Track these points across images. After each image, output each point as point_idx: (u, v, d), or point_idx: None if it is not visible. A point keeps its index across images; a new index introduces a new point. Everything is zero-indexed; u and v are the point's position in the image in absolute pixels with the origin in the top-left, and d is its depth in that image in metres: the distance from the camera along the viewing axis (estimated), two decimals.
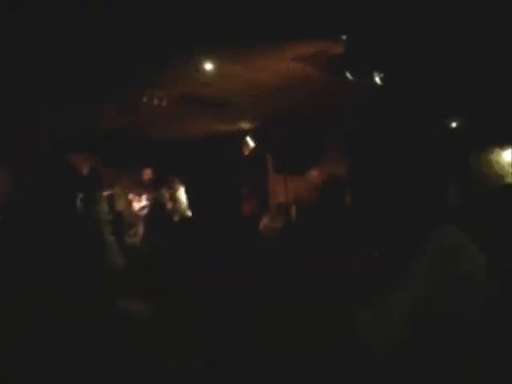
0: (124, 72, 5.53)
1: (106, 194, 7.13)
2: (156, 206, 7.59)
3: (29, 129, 7.62)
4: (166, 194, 8.14)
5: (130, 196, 8.09)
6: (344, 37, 4.55)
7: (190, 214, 8.25)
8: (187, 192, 8.52)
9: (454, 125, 7.05)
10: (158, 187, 8.22)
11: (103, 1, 3.62)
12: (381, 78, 4.98)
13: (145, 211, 7.75)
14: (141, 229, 7.34)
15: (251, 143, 8.88)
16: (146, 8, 3.87)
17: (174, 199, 8.23)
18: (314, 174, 7.58)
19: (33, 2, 3.50)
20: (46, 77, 5.33)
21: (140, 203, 7.97)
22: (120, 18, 4.08)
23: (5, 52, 4.46)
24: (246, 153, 8.93)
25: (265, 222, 7.28)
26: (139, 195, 8.14)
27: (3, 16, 3.65)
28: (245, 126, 8.85)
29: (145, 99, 6.39)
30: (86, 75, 5.44)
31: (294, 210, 7.00)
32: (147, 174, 8.40)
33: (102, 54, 4.90)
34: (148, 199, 7.95)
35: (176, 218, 7.85)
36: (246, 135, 8.93)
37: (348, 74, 4.88)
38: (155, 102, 6.48)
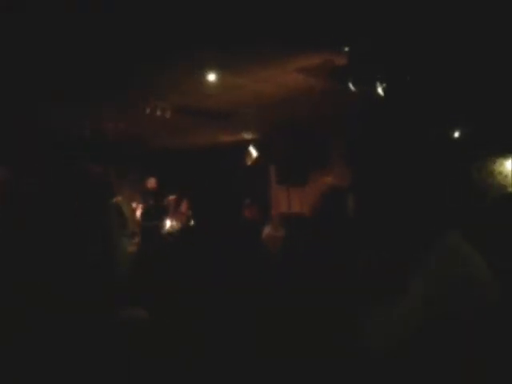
0: (126, 81, 5.59)
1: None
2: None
3: (30, 133, 7.68)
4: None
5: (134, 205, 8.10)
6: (346, 48, 4.60)
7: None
8: (190, 202, 8.54)
9: (456, 135, 7.08)
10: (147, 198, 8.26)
11: (104, 6, 3.67)
12: (383, 89, 5.00)
13: None
14: None
15: (254, 153, 8.91)
16: (148, 18, 3.93)
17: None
18: (329, 180, 7.57)
19: (33, 2, 3.53)
20: (47, 79, 5.38)
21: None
22: (122, 28, 4.14)
23: (6, 52, 4.50)
24: (249, 163, 8.95)
25: (267, 231, 7.29)
26: (142, 204, 8.17)
27: (3, 16, 3.68)
28: (248, 136, 8.90)
29: (148, 110, 6.44)
30: (88, 81, 5.50)
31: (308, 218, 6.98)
32: (151, 182, 8.40)
33: (104, 63, 4.96)
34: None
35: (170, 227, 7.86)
36: (248, 145, 8.96)
37: (351, 85, 4.91)
38: (158, 113, 6.53)
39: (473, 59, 4.91)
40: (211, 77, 5.37)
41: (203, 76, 5.34)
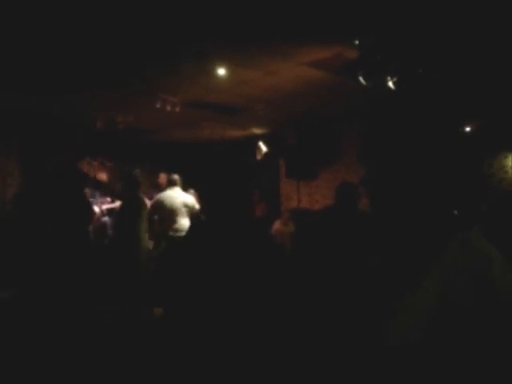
0: (136, 76, 5.60)
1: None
2: None
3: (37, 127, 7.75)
4: None
5: (146, 201, 8.08)
6: (357, 41, 4.56)
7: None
8: (200, 196, 8.49)
9: (468, 129, 7.00)
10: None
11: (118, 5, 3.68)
12: (394, 83, 4.95)
13: None
14: None
15: (264, 148, 8.89)
16: (158, 12, 3.93)
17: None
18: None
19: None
20: (59, 72, 5.43)
21: None
22: (133, 24, 4.15)
23: (22, 41, 4.54)
24: (259, 157, 8.94)
25: (277, 226, 7.29)
26: (151, 199, 8.15)
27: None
28: (257, 131, 8.88)
29: (158, 105, 6.45)
30: (99, 75, 5.53)
31: None
32: (163, 178, 8.36)
33: (114, 57, 4.97)
34: None
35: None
36: (258, 140, 8.95)
37: (361, 79, 4.87)
38: (168, 108, 6.54)
39: (484, 55, 4.84)
40: (221, 71, 5.36)
41: (213, 70, 5.33)
